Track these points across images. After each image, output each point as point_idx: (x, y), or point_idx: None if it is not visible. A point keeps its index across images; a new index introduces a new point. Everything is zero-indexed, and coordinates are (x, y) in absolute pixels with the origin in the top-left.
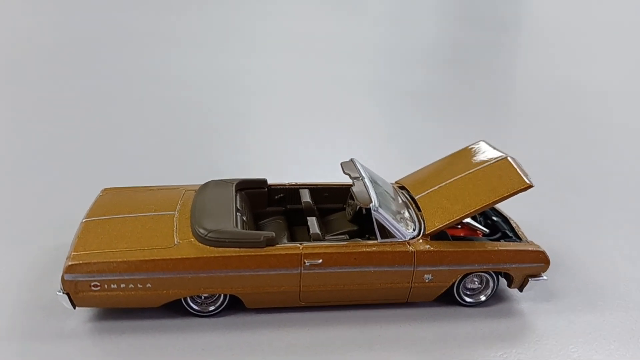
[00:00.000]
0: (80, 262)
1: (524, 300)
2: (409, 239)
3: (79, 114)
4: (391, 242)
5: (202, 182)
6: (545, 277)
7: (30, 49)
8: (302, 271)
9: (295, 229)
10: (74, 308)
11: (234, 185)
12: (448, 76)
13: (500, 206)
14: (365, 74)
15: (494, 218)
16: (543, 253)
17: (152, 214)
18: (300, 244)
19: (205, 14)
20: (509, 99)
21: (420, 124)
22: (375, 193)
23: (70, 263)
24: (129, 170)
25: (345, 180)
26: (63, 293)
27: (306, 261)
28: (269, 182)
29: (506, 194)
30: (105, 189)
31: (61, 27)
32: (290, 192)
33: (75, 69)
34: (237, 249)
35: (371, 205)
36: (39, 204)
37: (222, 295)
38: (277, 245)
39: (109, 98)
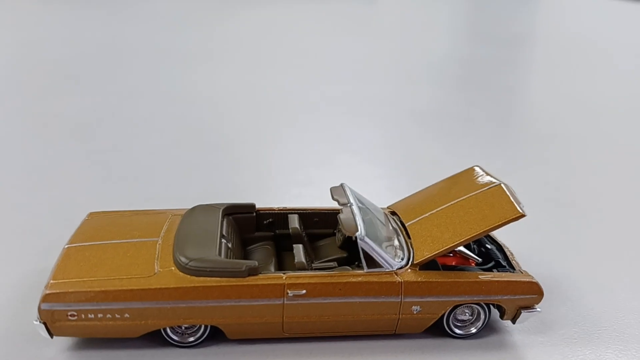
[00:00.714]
0: (57, 291)
1: (516, 331)
2: (397, 269)
3: (74, 133)
4: (378, 272)
5: (196, 204)
6: (538, 309)
7: (16, 72)
8: (285, 302)
9: (285, 255)
10: (52, 337)
11: (221, 210)
12: (455, 95)
13: (495, 231)
14: (370, 92)
15: (488, 246)
16: (536, 284)
17: (135, 240)
18: (284, 273)
19: (200, 33)
20: (514, 120)
21: (423, 143)
22: (363, 221)
23: (47, 292)
24: (122, 191)
25: (337, 205)
26: (40, 322)
27: (289, 291)
28: (262, 205)
29: (498, 223)
30: (91, 213)
31: (54, 45)
32: (280, 216)
33: (65, 89)
34: (219, 279)
35: (357, 234)
36: (29, 225)
37: (203, 325)
38: (260, 274)
39: (103, 118)
